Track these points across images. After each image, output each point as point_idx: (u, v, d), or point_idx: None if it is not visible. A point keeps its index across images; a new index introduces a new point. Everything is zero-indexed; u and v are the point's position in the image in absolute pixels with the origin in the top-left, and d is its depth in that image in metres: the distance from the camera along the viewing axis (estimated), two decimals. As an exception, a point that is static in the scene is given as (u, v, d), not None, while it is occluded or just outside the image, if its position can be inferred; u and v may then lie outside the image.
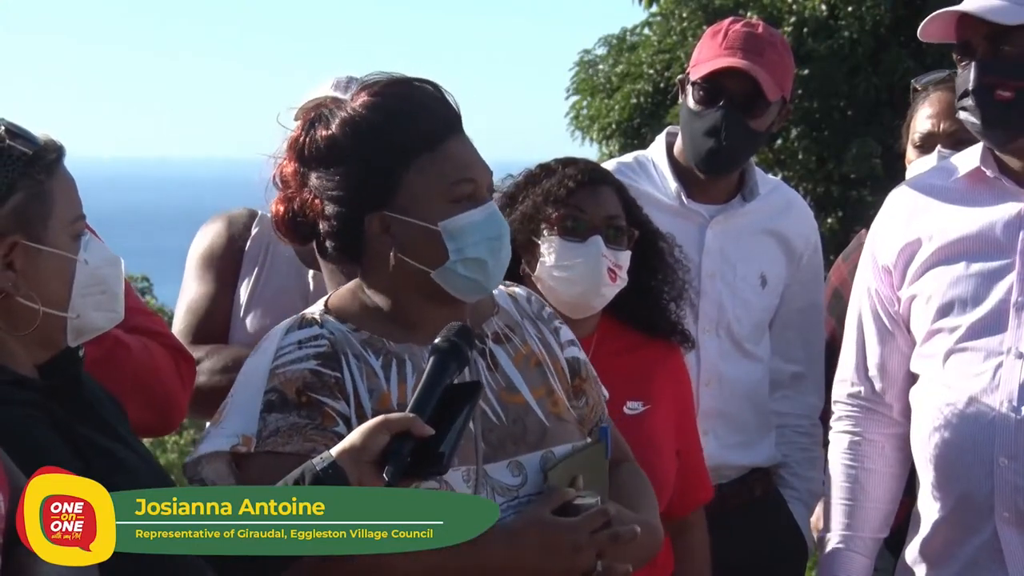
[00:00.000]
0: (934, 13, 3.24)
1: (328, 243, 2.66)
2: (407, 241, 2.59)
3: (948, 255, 3.24)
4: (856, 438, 3.41)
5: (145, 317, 3.18)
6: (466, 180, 2.59)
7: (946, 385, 3.22)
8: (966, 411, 3.16)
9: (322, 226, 2.64)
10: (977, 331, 3.18)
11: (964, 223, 3.24)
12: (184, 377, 3.09)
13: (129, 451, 2.49)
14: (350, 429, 2.50)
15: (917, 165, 3.85)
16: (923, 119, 3.90)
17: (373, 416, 2.51)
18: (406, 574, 2.42)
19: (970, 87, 3.20)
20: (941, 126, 3.83)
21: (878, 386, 3.38)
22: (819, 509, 4.01)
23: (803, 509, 3.94)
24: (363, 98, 2.62)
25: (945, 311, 3.22)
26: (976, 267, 3.20)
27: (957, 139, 3.76)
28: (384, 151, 2.58)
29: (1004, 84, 3.16)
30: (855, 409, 3.42)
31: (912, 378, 3.33)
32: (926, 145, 3.87)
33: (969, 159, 3.29)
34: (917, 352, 3.30)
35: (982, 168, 3.25)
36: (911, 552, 3.33)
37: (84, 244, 2.49)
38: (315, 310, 2.67)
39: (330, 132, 2.61)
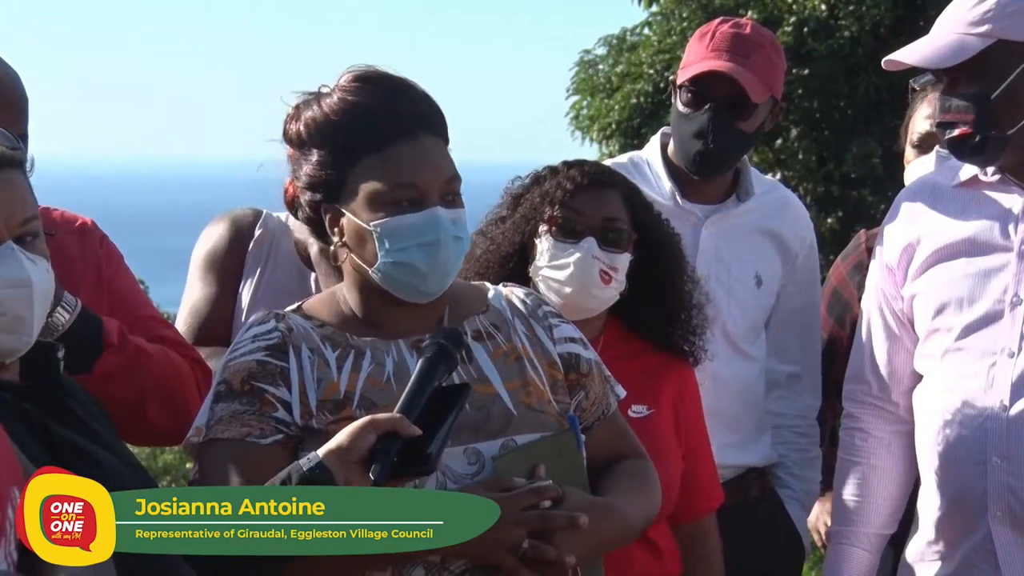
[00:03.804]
0: (887, 58, 3.25)
1: (308, 225, 2.77)
2: (351, 237, 2.68)
3: (947, 254, 3.25)
4: (863, 434, 3.42)
5: (164, 327, 3.21)
6: (406, 185, 2.63)
7: (943, 384, 3.23)
8: (961, 411, 3.18)
9: (299, 212, 2.76)
10: (972, 330, 3.19)
11: (963, 222, 3.24)
12: (201, 386, 3.13)
13: (108, 452, 2.49)
14: (291, 415, 2.59)
15: (915, 166, 3.85)
16: (921, 119, 3.90)
17: (317, 404, 2.60)
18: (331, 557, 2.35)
19: (936, 120, 3.25)
20: None
21: (884, 384, 3.39)
22: (816, 509, 4.01)
23: (800, 509, 3.94)
24: (334, 94, 2.70)
25: (942, 310, 3.23)
26: (973, 266, 3.21)
27: None
28: (333, 148, 2.67)
29: (962, 119, 3.17)
30: (863, 406, 3.43)
31: (918, 376, 3.34)
32: (924, 145, 3.87)
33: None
34: (918, 351, 3.31)
35: (979, 176, 3.26)
36: (912, 551, 3.34)
37: None
38: (287, 308, 2.75)
39: (298, 126, 2.71)
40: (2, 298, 2.43)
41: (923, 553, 3.31)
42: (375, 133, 2.64)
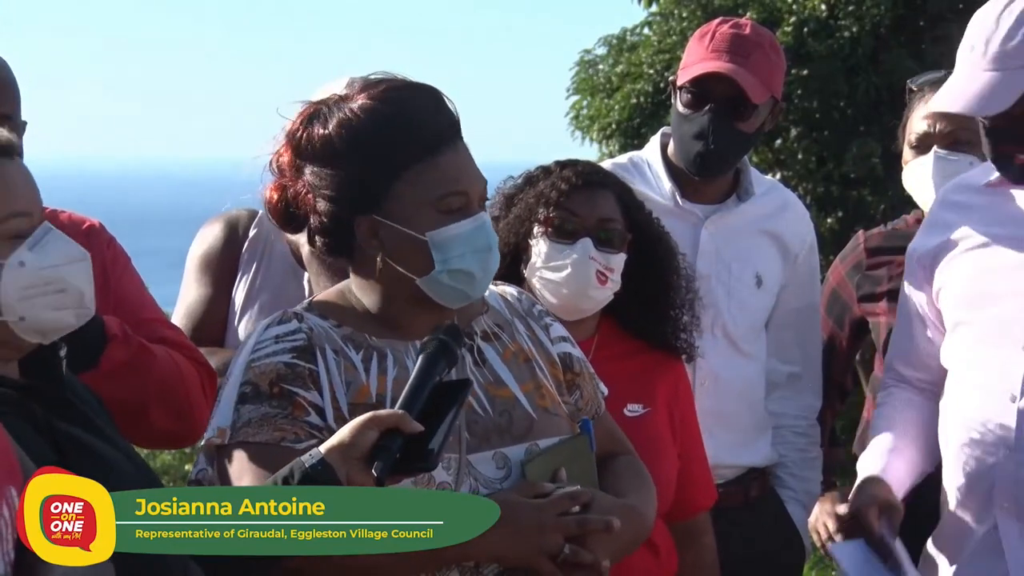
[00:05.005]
0: (939, 108, 3.22)
1: (318, 238, 2.70)
2: (394, 247, 2.62)
3: (971, 250, 3.27)
4: (890, 396, 3.42)
5: (170, 330, 3.21)
6: (456, 193, 2.61)
7: (962, 376, 3.25)
8: (975, 403, 3.19)
9: (313, 221, 2.68)
10: (991, 324, 3.20)
11: (989, 219, 3.26)
12: (207, 390, 3.12)
13: (111, 448, 2.49)
14: (324, 419, 2.57)
15: (913, 166, 3.86)
16: (919, 120, 3.89)
17: (349, 408, 2.57)
18: (366, 560, 2.36)
19: (990, 156, 3.21)
20: (937, 127, 3.81)
21: (919, 374, 3.41)
22: (816, 510, 4.01)
23: (800, 510, 3.95)
24: (362, 100, 2.64)
25: (965, 304, 3.25)
26: (996, 261, 3.22)
27: (953, 139, 3.76)
28: (377, 158, 2.60)
29: (1020, 148, 3.15)
30: (899, 384, 3.44)
31: (946, 370, 3.36)
32: (922, 146, 3.86)
33: None
34: (943, 344, 3.33)
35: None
36: (933, 541, 3.35)
37: (35, 242, 2.43)
38: (299, 307, 2.71)
39: (327, 132, 2.63)
40: (66, 275, 2.45)
41: (941, 543, 3.32)
42: (422, 141, 2.61)
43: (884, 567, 3.07)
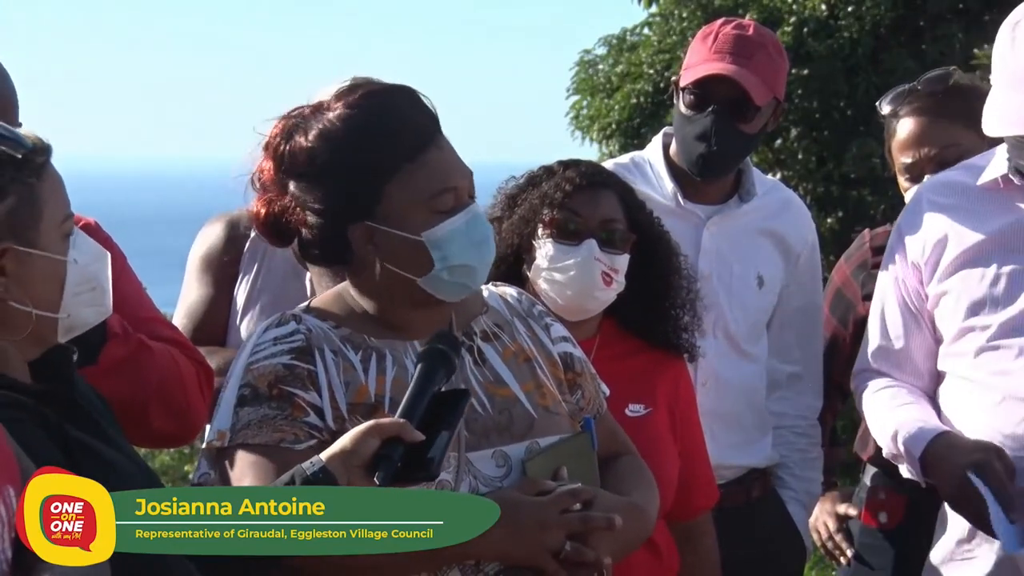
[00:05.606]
0: (1003, 131, 3.18)
1: (311, 249, 2.69)
2: (391, 251, 2.62)
3: (978, 254, 3.24)
4: (893, 385, 3.38)
5: (168, 329, 3.21)
6: (446, 190, 2.62)
7: (976, 383, 3.23)
8: (996, 409, 3.17)
9: (304, 233, 2.67)
10: (1008, 330, 3.18)
11: (995, 222, 3.24)
12: (204, 389, 3.12)
13: (118, 453, 2.50)
14: (323, 420, 2.57)
15: (912, 193, 3.78)
16: (902, 149, 3.78)
17: (348, 408, 2.58)
18: (366, 560, 2.34)
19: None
20: (922, 152, 3.73)
21: (910, 379, 3.38)
22: (817, 510, 4.01)
23: (801, 510, 3.95)
24: (340, 110, 2.63)
25: (976, 310, 3.23)
26: (1007, 267, 3.20)
27: (940, 160, 3.68)
28: (363, 167, 2.61)
29: None
30: (881, 376, 3.41)
31: (938, 375, 3.33)
32: (913, 173, 3.78)
33: (997, 164, 3.26)
34: (946, 350, 3.30)
35: (1010, 176, 3.23)
36: (940, 552, 3.31)
37: (72, 242, 2.48)
38: (297, 309, 2.71)
39: (309, 145, 2.63)
40: (93, 272, 2.51)
41: (952, 553, 3.28)
42: (407, 143, 2.61)
43: (1006, 517, 3.04)
